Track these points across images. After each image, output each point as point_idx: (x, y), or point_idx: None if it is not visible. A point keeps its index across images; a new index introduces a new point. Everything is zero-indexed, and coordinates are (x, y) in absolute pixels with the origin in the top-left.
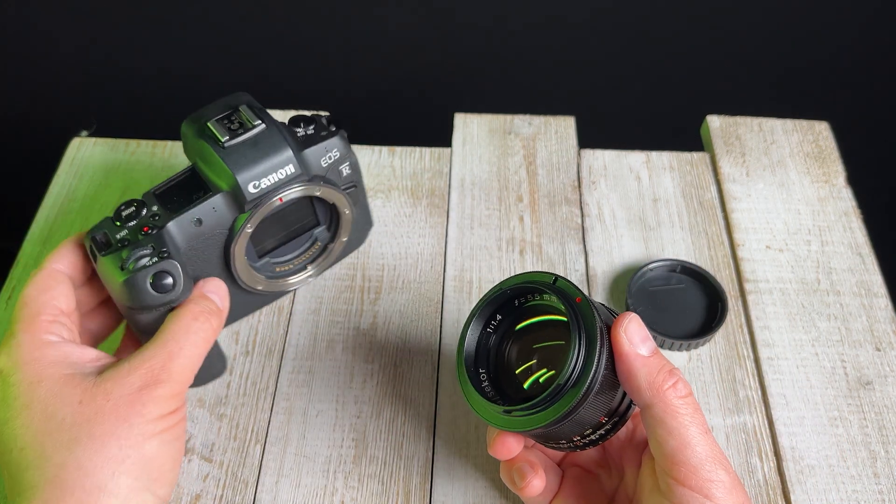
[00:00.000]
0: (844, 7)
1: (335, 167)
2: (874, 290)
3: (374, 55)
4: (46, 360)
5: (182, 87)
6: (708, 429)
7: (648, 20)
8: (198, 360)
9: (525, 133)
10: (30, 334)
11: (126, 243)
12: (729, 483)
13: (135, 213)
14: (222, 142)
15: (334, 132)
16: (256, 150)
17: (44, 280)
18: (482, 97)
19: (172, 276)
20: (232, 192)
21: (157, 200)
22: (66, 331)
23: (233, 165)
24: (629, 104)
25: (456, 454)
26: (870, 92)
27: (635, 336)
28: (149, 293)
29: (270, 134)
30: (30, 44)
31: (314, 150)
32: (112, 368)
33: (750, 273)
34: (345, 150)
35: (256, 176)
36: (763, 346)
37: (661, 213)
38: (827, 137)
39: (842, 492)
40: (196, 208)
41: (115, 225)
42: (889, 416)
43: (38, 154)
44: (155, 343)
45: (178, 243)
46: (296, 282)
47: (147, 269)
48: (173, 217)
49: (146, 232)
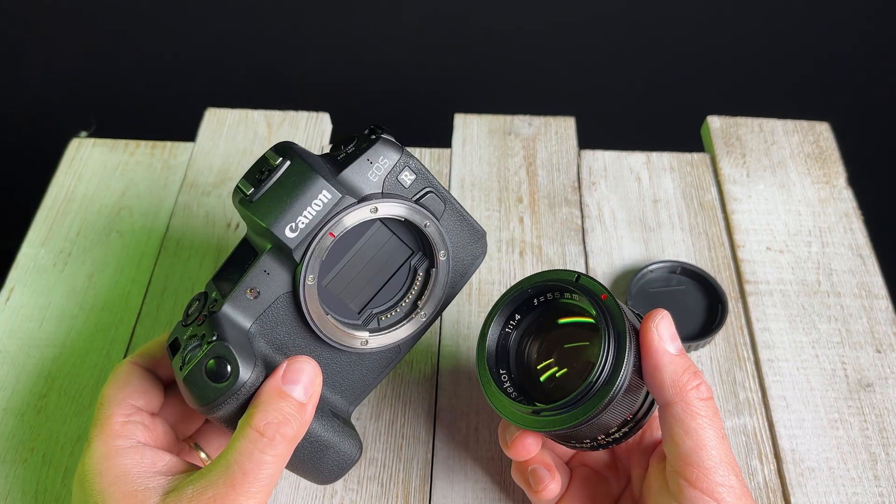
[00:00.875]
0: (845, 7)
1: (392, 178)
2: (875, 292)
3: (373, 55)
4: (111, 475)
5: (182, 88)
6: (724, 434)
7: (649, 21)
8: (270, 482)
9: (525, 134)
10: (101, 440)
11: (195, 342)
12: (739, 490)
13: (199, 306)
14: (248, 195)
15: (374, 139)
16: (283, 191)
17: (121, 375)
18: (482, 97)
19: (227, 360)
20: (276, 247)
21: (215, 285)
22: (142, 430)
23: (263, 216)
24: (629, 105)
25: (455, 456)
26: (870, 92)
27: (665, 333)
28: (210, 386)
29: (296, 168)
30: (30, 44)
31: (354, 167)
32: (174, 494)
33: (750, 274)
34: (396, 155)
35: (290, 217)
36: (763, 348)
37: (661, 214)
38: (828, 138)
39: (842, 494)
40: (246, 279)
41: (182, 326)
42: (890, 419)
43: (38, 154)
44: (218, 465)
45: (240, 324)
46: (414, 329)
47: (200, 361)
48: (224, 297)
49: (201, 323)
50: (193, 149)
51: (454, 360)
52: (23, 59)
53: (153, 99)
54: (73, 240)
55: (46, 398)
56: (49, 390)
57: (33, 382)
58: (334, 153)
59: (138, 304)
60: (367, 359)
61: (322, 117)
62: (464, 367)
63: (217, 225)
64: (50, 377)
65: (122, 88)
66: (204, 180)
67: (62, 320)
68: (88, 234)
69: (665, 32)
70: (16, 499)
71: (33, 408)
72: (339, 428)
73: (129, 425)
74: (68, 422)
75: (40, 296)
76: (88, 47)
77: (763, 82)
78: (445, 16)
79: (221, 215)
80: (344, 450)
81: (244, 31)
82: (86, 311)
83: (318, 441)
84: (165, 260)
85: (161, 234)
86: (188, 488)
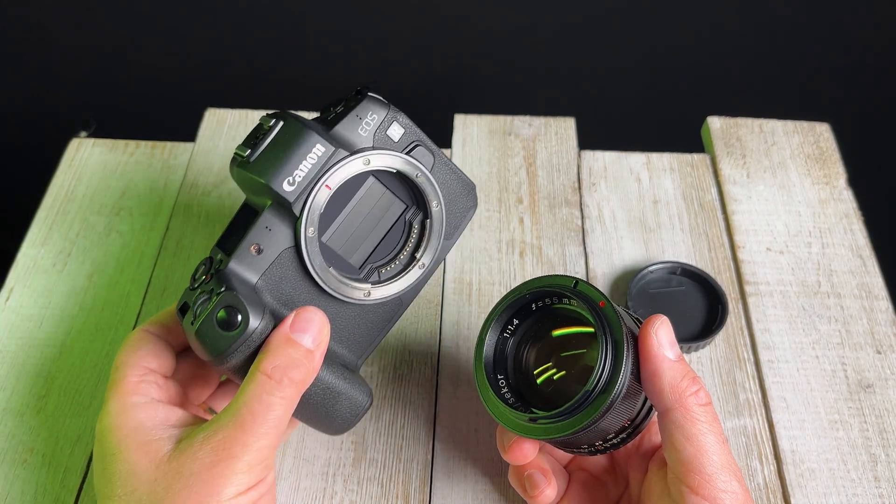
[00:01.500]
0: (845, 8)
1: (382, 133)
2: (875, 293)
3: (373, 55)
4: (127, 428)
5: (182, 88)
6: (724, 439)
7: (649, 21)
8: (278, 424)
9: (525, 134)
10: (116, 398)
11: (204, 300)
12: (742, 496)
13: (204, 269)
14: (246, 157)
15: (361, 98)
16: (279, 148)
17: (133, 342)
18: (482, 98)
19: (237, 309)
20: (276, 203)
21: (220, 247)
22: (156, 389)
23: (261, 173)
24: (629, 105)
25: (455, 457)
26: (871, 93)
27: (664, 338)
28: (221, 336)
29: (289, 126)
30: (29, 44)
31: (345, 122)
32: (186, 441)
33: (750, 275)
34: (383, 111)
35: (287, 172)
36: (763, 349)
37: (661, 214)
38: (828, 139)
39: (842, 495)
40: (249, 236)
41: (191, 290)
42: (890, 420)
43: (37, 155)
44: (228, 410)
45: (247, 279)
46: (414, 279)
47: (210, 313)
48: (229, 255)
49: (207, 281)
50: (193, 149)
51: (454, 361)
52: (23, 59)
53: (153, 99)
54: (72, 240)
55: (46, 398)
56: (49, 390)
57: (33, 382)
58: (324, 115)
59: (138, 304)
60: (370, 311)
61: None
62: (464, 368)
63: (217, 225)
64: (50, 377)
65: (122, 88)
66: (204, 180)
67: (62, 320)
68: (88, 234)
69: (665, 33)
70: (16, 499)
71: (33, 408)
72: (348, 376)
73: (142, 384)
74: (68, 422)
75: (40, 296)
76: (88, 47)
77: (763, 83)
78: (445, 16)
79: (221, 215)
80: (355, 396)
81: (244, 31)
82: (86, 312)
83: (329, 389)
84: (165, 260)
85: (161, 235)
86: (199, 434)
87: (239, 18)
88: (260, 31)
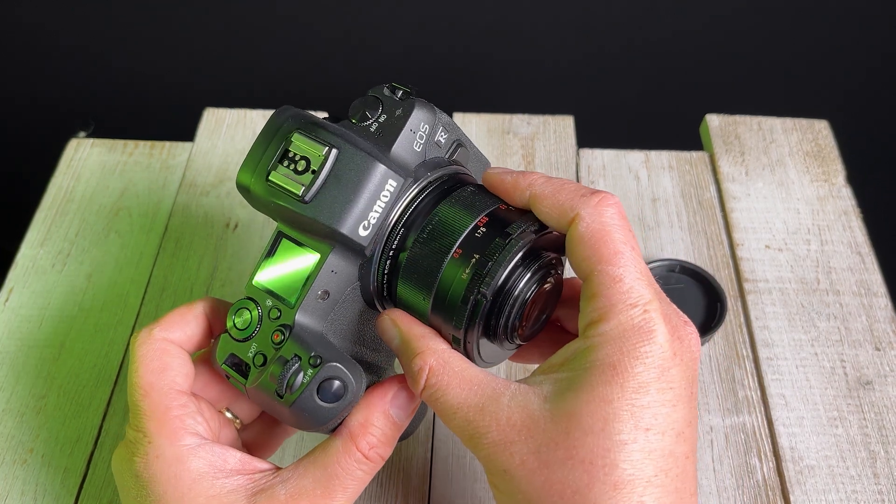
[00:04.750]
0: (844, 6)
1: (430, 142)
2: (874, 290)
3: (372, 54)
4: (188, 478)
5: (181, 88)
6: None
7: (647, 19)
8: (358, 493)
9: (524, 132)
10: (166, 439)
11: (263, 359)
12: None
13: (249, 318)
14: (300, 196)
15: (408, 103)
16: (344, 186)
17: (157, 357)
18: (480, 97)
19: (340, 380)
20: (343, 245)
21: (265, 289)
22: (202, 424)
23: (329, 219)
24: (628, 103)
25: (454, 454)
26: (869, 90)
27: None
28: (323, 409)
29: (350, 158)
30: (29, 44)
31: (402, 142)
32: (265, 495)
33: (749, 273)
34: (432, 117)
35: (360, 216)
36: (762, 346)
37: (660, 212)
38: (826, 136)
39: (841, 492)
40: (315, 283)
41: (236, 342)
42: (889, 416)
43: (36, 155)
44: (314, 471)
45: (314, 329)
46: None
47: (309, 387)
48: (293, 307)
49: (277, 340)
50: (192, 149)
51: None
52: (22, 59)
53: (152, 99)
54: (71, 240)
55: (46, 399)
56: (49, 390)
57: (33, 383)
58: (363, 123)
59: (137, 304)
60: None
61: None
62: None
63: (216, 225)
64: (49, 377)
65: (122, 88)
66: (203, 180)
67: (61, 321)
68: (87, 234)
69: (664, 31)
70: (15, 499)
71: (33, 408)
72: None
73: (187, 419)
74: (68, 422)
75: (39, 296)
76: (88, 47)
77: (762, 80)
78: (444, 15)
79: (220, 215)
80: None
81: (244, 31)
82: (85, 312)
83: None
84: (164, 260)
85: (160, 235)
86: (279, 490)
87: (238, 18)
88: (259, 32)
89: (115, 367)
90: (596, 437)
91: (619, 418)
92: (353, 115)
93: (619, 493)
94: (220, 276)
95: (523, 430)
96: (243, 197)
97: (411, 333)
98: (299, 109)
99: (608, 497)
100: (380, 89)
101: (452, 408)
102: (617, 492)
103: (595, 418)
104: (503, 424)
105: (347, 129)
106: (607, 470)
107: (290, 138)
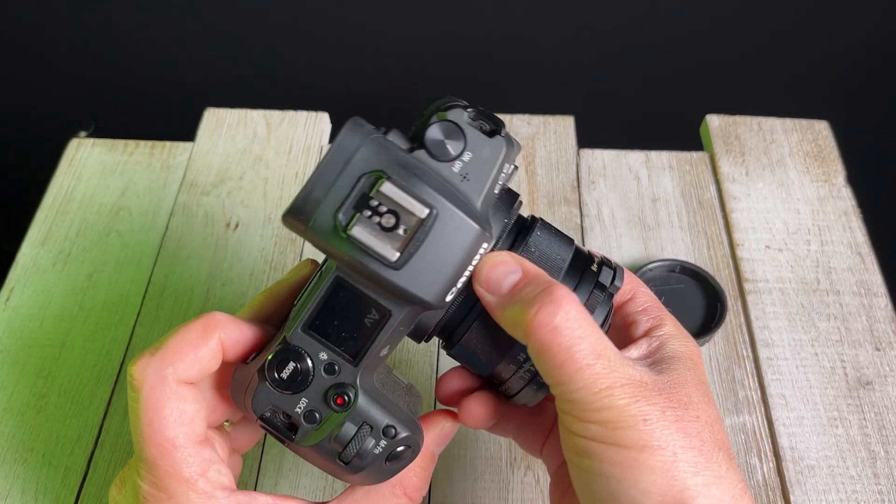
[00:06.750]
0: (844, 6)
1: (506, 179)
2: (874, 290)
3: (373, 55)
4: None
5: (181, 88)
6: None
7: (647, 19)
8: None
9: (524, 133)
10: (183, 495)
11: (316, 419)
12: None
13: (299, 370)
14: (393, 263)
15: (496, 142)
16: (440, 253)
17: (176, 407)
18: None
19: (410, 447)
20: (419, 305)
21: (317, 339)
22: (226, 474)
23: (421, 290)
24: (628, 104)
25: (455, 454)
26: (869, 91)
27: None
28: (390, 471)
29: (447, 217)
30: (29, 44)
31: (490, 187)
32: None
33: (749, 273)
34: (513, 155)
35: (451, 283)
36: (762, 346)
37: (660, 212)
38: (826, 136)
39: (841, 492)
40: (379, 339)
41: (282, 394)
42: (889, 416)
43: (37, 155)
44: None
45: (374, 386)
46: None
47: (381, 455)
48: (357, 365)
49: (341, 404)
50: (193, 149)
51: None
52: (23, 59)
53: (152, 99)
54: (72, 240)
55: (46, 398)
56: (49, 390)
57: (33, 382)
58: (445, 160)
59: (138, 303)
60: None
61: (321, 117)
62: None
63: (216, 224)
64: (50, 377)
65: (122, 88)
66: (203, 180)
67: (62, 320)
68: (88, 234)
69: (664, 31)
70: (16, 499)
71: (33, 408)
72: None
73: (213, 475)
74: (68, 422)
75: (40, 296)
76: (88, 47)
77: (762, 81)
78: (444, 15)
79: (221, 215)
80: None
81: (244, 31)
82: (85, 311)
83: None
84: (165, 260)
85: (160, 234)
86: None
87: (238, 18)
88: (259, 32)
89: (115, 366)
90: (708, 406)
91: (712, 404)
92: (434, 148)
93: (724, 455)
94: (220, 276)
95: (654, 388)
96: (292, 231)
97: (536, 269)
98: (375, 131)
99: (722, 465)
100: (456, 111)
101: (577, 343)
102: (722, 453)
103: (703, 392)
104: (636, 379)
105: (428, 166)
106: (721, 437)
107: (377, 186)
